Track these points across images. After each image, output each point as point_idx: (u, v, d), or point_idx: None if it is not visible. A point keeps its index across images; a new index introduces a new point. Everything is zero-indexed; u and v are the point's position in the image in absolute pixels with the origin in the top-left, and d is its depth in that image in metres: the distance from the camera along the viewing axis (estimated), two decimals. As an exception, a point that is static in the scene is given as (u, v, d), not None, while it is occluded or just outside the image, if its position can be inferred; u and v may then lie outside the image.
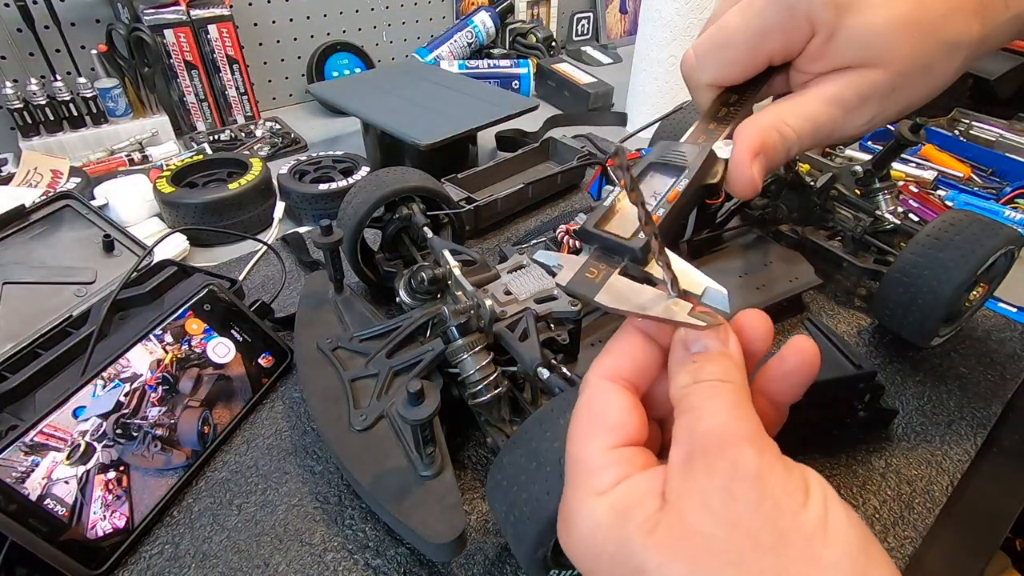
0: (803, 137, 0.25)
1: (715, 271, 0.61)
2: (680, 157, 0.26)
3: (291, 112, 1.16)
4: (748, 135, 0.25)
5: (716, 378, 0.20)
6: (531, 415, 0.34)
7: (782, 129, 0.25)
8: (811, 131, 0.25)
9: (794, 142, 0.25)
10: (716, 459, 0.19)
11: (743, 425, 0.19)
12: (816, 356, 0.23)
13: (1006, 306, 0.64)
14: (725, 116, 0.27)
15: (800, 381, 0.23)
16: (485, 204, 0.73)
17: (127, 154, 0.92)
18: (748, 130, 0.25)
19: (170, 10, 0.94)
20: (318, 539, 0.43)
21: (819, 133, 0.25)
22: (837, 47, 0.24)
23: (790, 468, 0.19)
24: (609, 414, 0.22)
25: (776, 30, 0.24)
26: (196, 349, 0.51)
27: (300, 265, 0.72)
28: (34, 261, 0.59)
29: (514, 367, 0.46)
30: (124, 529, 0.42)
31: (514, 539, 0.34)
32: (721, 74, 0.27)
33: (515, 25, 1.33)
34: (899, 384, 0.55)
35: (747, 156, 0.25)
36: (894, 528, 0.44)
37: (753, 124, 0.25)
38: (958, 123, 0.96)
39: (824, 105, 0.25)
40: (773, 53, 0.25)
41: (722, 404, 0.20)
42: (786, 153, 0.25)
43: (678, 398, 0.21)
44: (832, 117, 0.25)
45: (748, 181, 0.25)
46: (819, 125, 0.25)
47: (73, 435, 0.42)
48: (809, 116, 0.25)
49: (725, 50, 0.26)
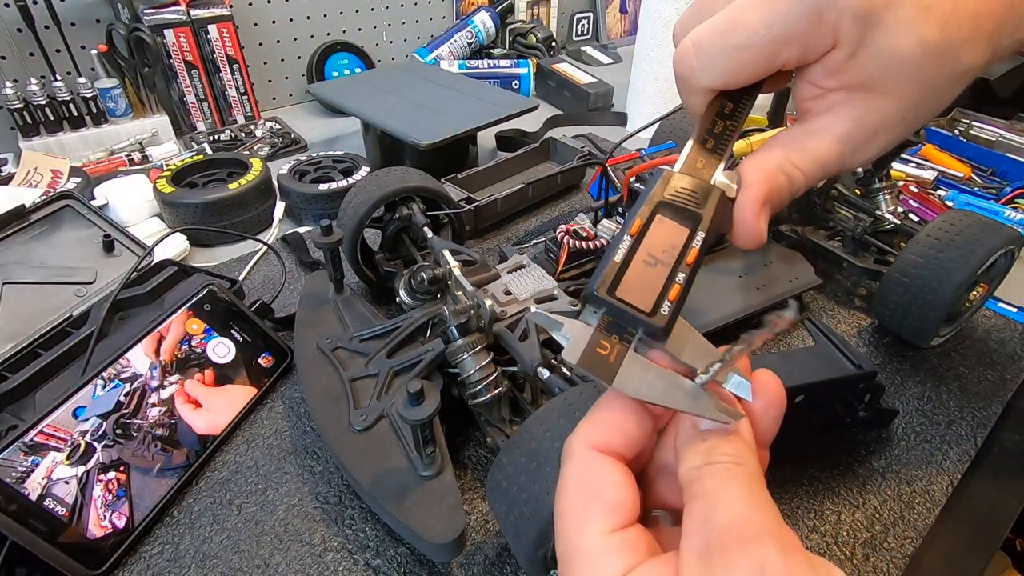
0: (810, 179, 0.23)
1: (715, 271, 0.61)
2: (691, 199, 0.23)
3: (291, 112, 1.16)
4: (755, 183, 0.23)
5: (729, 460, 0.19)
6: (531, 415, 0.35)
7: (790, 172, 0.23)
8: (818, 172, 0.23)
9: (801, 185, 0.23)
10: (738, 556, 0.17)
11: (763, 518, 0.18)
12: (781, 390, 0.22)
13: (1006, 306, 0.64)
14: (722, 132, 0.24)
15: (774, 419, 0.22)
16: (485, 204, 0.73)
17: (127, 154, 0.92)
18: (755, 176, 0.23)
19: (170, 10, 0.94)
20: (318, 539, 0.43)
21: (825, 172, 0.24)
22: (857, 66, 0.22)
23: (815, 565, 0.18)
24: (604, 491, 0.21)
25: (798, 37, 0.21)
26: (196, 349, 0.51)
27: (300, 265, 0.72)
28: (34, 261, 0.59)
29: (514, 367, 0.46)
30: (124, 529, 0.42)
31: (514, 539, 0.34)
32: (729, 78, 0.23)
33: (515, 25, 1.33)
34: (899, 384, 0.55)
35: (754, 209, 0.23)
36: (894, 528, 0.44)
37: (760, 168, 0.23)
38: (958, 123, 0.96)
39: (834, 143, 0.23)
40: (789, 59, 0.22)
41: (738, 492, 0.19)
42: (791, 196, 0.24)
43: (688, 480, 0.20)
44: (840, 155, 0.23)
45: (755, 235, 0.23)
46: (826, 164, 0.23)
47: (73, 435, 0.42)
48: (818, 156, 0.23)
49: (739, 52, 0.22)
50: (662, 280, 0.22)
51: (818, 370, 0.45)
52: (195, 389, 0.49)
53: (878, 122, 0.22)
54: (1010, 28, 0.22)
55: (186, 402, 0.48)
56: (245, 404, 0.52)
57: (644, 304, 0.21)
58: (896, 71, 0.21)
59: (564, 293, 0.50)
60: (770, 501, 0.19)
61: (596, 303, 0.22)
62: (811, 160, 0.23)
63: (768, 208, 0.23)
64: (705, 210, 0.23)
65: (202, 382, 0.50)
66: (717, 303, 0.57)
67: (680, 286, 0.22)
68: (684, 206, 0.23)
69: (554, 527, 0.21)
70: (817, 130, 0.23)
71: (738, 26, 0.22)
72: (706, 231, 0.22)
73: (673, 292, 0.21)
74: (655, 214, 0.23)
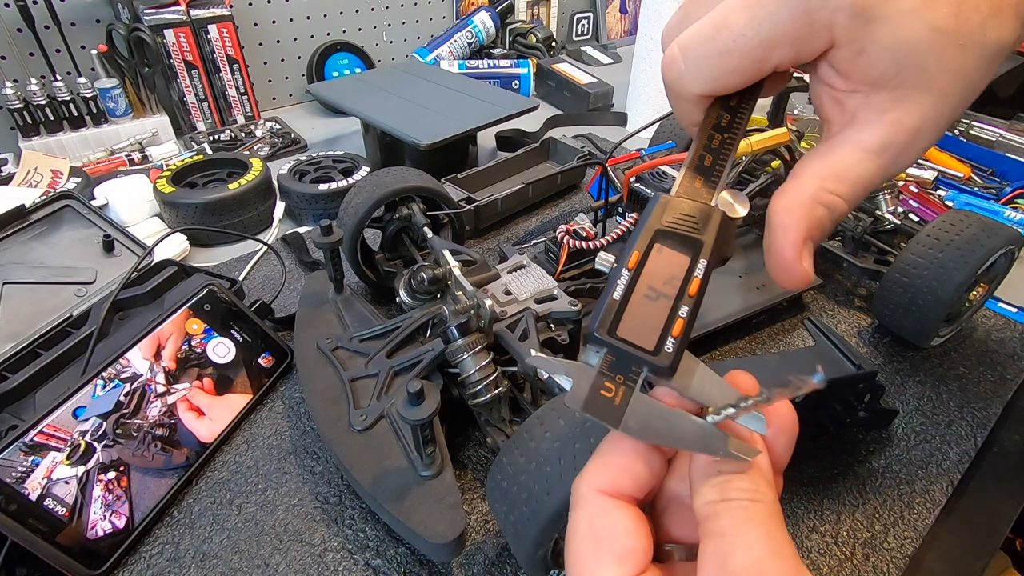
0: (852, 201, 0.21)
1: (715, 271, 0.61)
2: (690, 225, 0.22)
3: (291, 112, 1.16)
4: (791, 223, 0.21)
5: (746, 497, 0.19)
6: (531, 415, 0.35)
7: (828, 201, 0.21)
8: (861, 192, 0.21)
9: (842, 212, 0.21)
10: None
11: (782, 564, 0.18)
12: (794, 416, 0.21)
13: (1006, 306, 0.64)
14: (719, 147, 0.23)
15: (786, 446, 0.21)
16: (485, 204, 0.73)
17: (127, 154, 0.92)
18: (789, 216, 0.21)
19: (170, 10, 0.94)
20: (318, 539, 0.43)
21: (867, 190, 0.21)
22: (870, 63, 0.20)
23: None
24: (616, 539, 0.20)
25: (789, 38, 0.20)
26: (196, 349, 0.51)
27: (300, 265, 0.72)
28: (34, 261, 0.59)
29: (514, 367, 0.46)
30: (124, 529, 0.42)
31: (514, 539, 0.34)
32: (717, 83, 0.22)
33: (515, 25, 1.33)
34: (899, 384, 0.55)
35: (796, 251, 0.21)
36: (894, 528, 0.44)
37: (795, 203, 0.21)
38: (958, 123, 0.96)
39: (872, 158, 0.21)
40: (781, 61, 0.21)
41: (756, 534, 0.18)
42: (833, 224, 0.22)
43: (703, 515, 0.19)
44: (882, 168, 0.21)
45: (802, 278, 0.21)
46: (868, 182, 0.21)
47: (73, 435, 0.42)
48: (857, 177, 0.21)
49: (725, 57, 0.21)
50: (664, 315, 0.21)
51: (818, 370, 0.45)
52: (198, 398, 0.49)
53: (917, 122, 0.20)
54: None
55: (188, 409, 0.48)
56: (245, 404, 0.52)
57: (647, 342, 0.20)
58: (914, 65, 0.20)
59: (564, 293, 0.50)
60: (788, 541, 0.18)
61: (597, 343, 0.21)
62: (851, 183, 0.21)
63: (810, 245, 0.21)
64: (706, 235, 0.21)
65: (203, 390, 0.50)
66: (717, 303, 0.57)
67: (683, 320, 0.20)
68: (684, 233, 0.22)
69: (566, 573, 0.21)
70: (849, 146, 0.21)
71: (724, 29, 0.21)
72: (708, 258, 0.21)
73: (677, 328, 0.20)
74: (653, 244, 0.22)
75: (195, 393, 0.49)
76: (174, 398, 0.48)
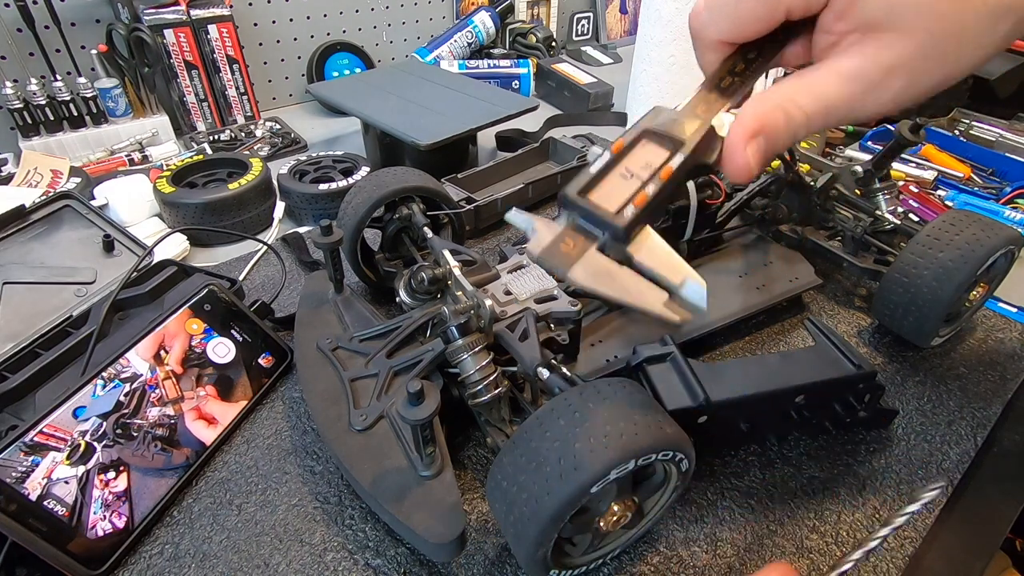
0: (813, 119, 0.22)
1: (715, 271, 0.61)
2: (677, 128, 0.24)
3: (291, 112, 1.16)
4: (748, 114, 0.22)
5: None
6: (531, 415, 0.35)
7: (790, 109, 0.22)
8: (823, 112, 0.22)
9: (801, 124, 0.23)
10: None
11: None
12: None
13: (1006, 306, 0.64)
14: (729, 87, 0.24)
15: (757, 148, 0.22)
16: (485, 204, 0.73)
17: (127, 154, 0.92)
18: (750, 108, 0.23)
19: (170, 10, 0.94)
20: (318, 539, 0.43)
21: (833, 115, 0.23)
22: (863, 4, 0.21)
23: None
24: None
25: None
26: (196, 349, 0.51)
27: (300, 265, 0.72)
28: (34, 261, 0.59)
29: (514, 367, 0.46)
30: (124, 529, 0.42)
31: (514, 539, 0.34)
32: (735, 29, 0.24)
33: (515, 25, 1.33)
34: (899, 384, 0.55)
35: (743, 137, 0.22)
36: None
37: (758, 102, 0.23)
38: (958, 123, 0.96)
39: (842, 82, 0.22)
40: (793, 9, 0.23)
41: None
42: (791, 136, 0.23)
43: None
44: (851, 95, 0.22)
45: (742, 166, 0.22)
46: (832, 104, 0.22)
47: (73, 435, 0.42)
48: (823, 95, 0.22)
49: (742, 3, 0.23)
50: (633, 189, 0.22)
51: (818, 370, 0.45)
52: (210, 406, 0.50)
53: (893, 59, 0.21)
54: None
55: (198, 418, 0.48)
56: (245, 405, 0.52)
57: (610, 207, 0.22)
58: (904, 5, 0.20)
59: (564, 293, 0.50)
60: None
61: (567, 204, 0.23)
62: (814, 98, 0.22)
63: (761, 143, 0.23)
64: (689, 137, 0.23)
65: (215, 398, 0.50)
66: (717, 303, 0.57)
67: (646, 194, 0.22)
68: (669, 134, 0.24)
69: None
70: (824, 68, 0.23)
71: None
72: (686, 154, 0.23)
73: (639, 198, 0.22)
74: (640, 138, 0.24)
75: (207, 401, 0.49)
76: (190, 404, 0.48)
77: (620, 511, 0.36)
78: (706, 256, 0.64)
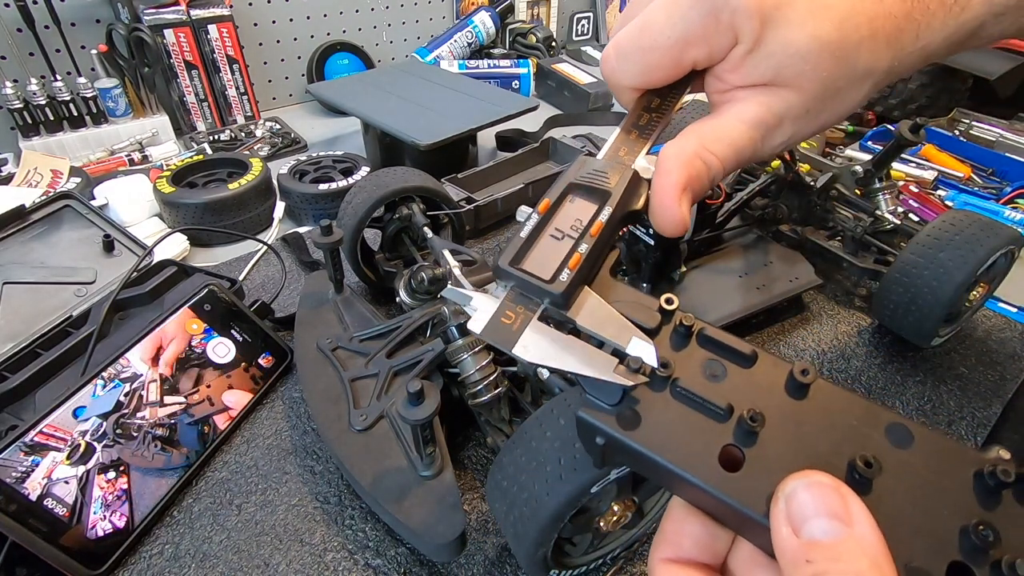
0: (726, 164, 0.24)
1: (715, 271, 0.61)
2: (602, 179, 0.24)
3: (291, 112, 1.16)
4: (673, 168, 0.23)
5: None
6: (531, 415, 0.35)
7: (706, 158, 0.23)
8: (734, 157, 0.24)
9: (718, 172, 0.24)
10: None
11: None
12: None
13: (1006, 306, 0.64)
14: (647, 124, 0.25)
15: None
16: (485, 204, 0.73)
17: (127, 154, 0.92)
18: (672, 162, 0.23)
19: (170, 10, 0.94)
20: (318, 539, 0.43)
21: (740, 157, 0.24)
22: (756, 61, 0.23)
23: None
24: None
25: (700, 36, 0.23)
26: (196, 349, 0.51)
27: (300, 265, 0.72)
28: (34, 261, 0.59)
29: (514, 367, 0.46)
30: (124, 529, 0.42)
31: (514, 539, 0.34)
32: (644, 78, 0.25)
33: (515, 25, 1.33)
34: (899, 384, 0.55)
35: (675, 193, 0.23)
36: (894, 528, 0.44)
37: (677, 154, 0.23)
38: (958, 123, 0.96)
39: (747, 129, 0.24)
40: (697, 59, 0.24)
41: None
42: (711, 183, 0.24)
43: None
44: (753, 140, 0.24)
45: (678, 221, 0.23)
46: (741, 150, 0.24)
47: (73, 435, 0.42)
48: (732, 141, 0.24)
49: (648, 53, 0.24)
50: (565, 252, 0.22)
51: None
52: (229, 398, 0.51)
53: (784, 109, 0.23)
54: (911, 35, 0.23)
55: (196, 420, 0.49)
56: (245, 404, 0.52)
57: (545, 273, 0.22)
58: (792, 66, 0.22)
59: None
60: None
61: (501, 275, 0.23)
62: (726, 144, 0.24)
63: (689, 194, 0.23)
64: (614, 187, 0.24)
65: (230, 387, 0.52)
66: (717, 303, 0.57)
67: (580, 255, 0.22)
68: (594, 186, 0.24)
69: None
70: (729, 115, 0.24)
71: (647, 29, 0.24)
72: (613, 206, 0.23)
73: (573, 260, 0.22)
74: (566, 194, 0.24)
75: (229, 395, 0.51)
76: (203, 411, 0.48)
77: (620, 511, 0.36)
78: (706, 256, 0.64)
